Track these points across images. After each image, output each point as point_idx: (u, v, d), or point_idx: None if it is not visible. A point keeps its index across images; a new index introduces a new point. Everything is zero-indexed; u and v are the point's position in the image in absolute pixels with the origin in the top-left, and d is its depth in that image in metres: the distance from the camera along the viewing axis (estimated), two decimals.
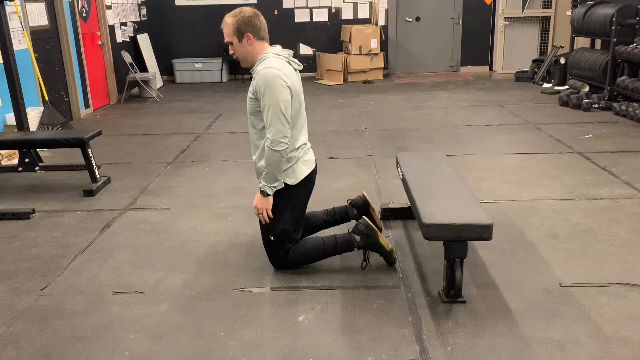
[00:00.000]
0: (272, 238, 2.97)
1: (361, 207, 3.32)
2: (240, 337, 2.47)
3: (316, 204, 3.97)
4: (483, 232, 2.51)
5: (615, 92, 7.01)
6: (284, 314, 2.65)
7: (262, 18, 2.88)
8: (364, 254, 3.05)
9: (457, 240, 2.54)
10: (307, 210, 3.18)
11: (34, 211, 4.02)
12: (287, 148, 2.75)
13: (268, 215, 2.89)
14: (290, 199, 2.93)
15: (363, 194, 3.35)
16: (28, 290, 2.94)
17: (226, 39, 2.89)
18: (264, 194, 2.84)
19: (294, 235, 2.99)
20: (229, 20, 2.85)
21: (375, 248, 3.01)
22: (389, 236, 3.46)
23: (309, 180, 3.00)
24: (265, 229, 2.97)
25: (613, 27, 6.96)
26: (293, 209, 2.95)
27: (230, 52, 2.92)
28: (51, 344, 2.47)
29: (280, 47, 2.90)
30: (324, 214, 3.33)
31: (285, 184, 2.89)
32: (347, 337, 2.45)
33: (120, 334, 2.52)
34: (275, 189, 2.85)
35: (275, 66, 2.74)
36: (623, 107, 6.37)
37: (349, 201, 3.37)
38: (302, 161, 2.95)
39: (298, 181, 2.91)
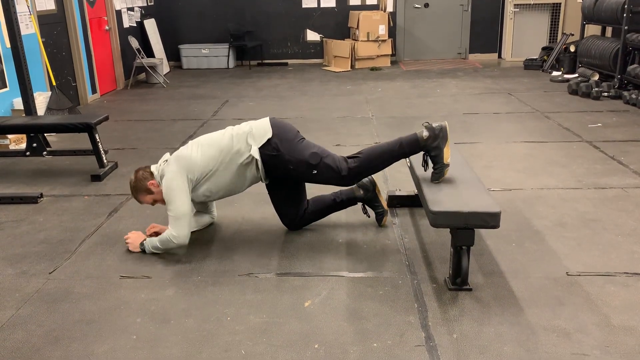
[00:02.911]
0: (315, 172, 3.05)
1: (367, 187, 3.36)
2: (246, 322, 2.49)
3: (323, 189, 3.97)
4: (490, 220, 2.50)
5: (625, 80, 6.94)
6: (290, 299, 2.66)
7: (139, 170, 3.17)
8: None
9: (464, 228, 2.54)
10: (316, 194, 3.33)
11: (42, 195, 4.05)
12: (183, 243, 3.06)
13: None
14: (287, 139, 3.05)
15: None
16: (36, 274, 2.97)
17: (149, 201, 3.21)
18: (142, 247, 3.14)
19: (332, 161, 3.05)
20: (137, 197, 3.20)
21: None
22: (396, 223, 3.46)
23: (277, 126, 3.08)
24: (305, 170, 3.06)
25: (625, 15, 6.87)
26: (301, 140, 3.09)
27: (154, 204, 3.23)
28: (60, 326, 2.49)
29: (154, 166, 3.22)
30: (332, 195, 3.39)
31: (266, 142, 3.03)
32: (353, 323, 2.46)
33: (128, 318, 2.54)
34: (152, 251, 3.12)
35: (169, 171, 3.06)
36: (633, 96, 6.31)
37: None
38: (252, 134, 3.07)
39: (263, 139, 3.03)
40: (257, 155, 3.01)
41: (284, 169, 3.06)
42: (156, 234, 3.30)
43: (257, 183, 3.22)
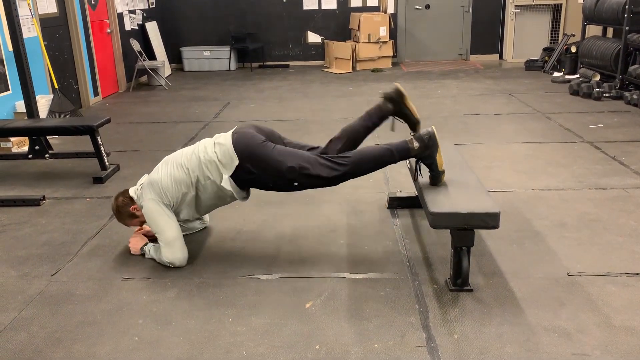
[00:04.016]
0: (296, 184, 2.93)
1: (395, 99, 3.07)
2: (248, 323, 2.50)
3: (326, 194, 3.99)
4: (490, 220, 2.50)
5: (626, 81, 6.94)
6: (292, 300, 2.66)
7: (119, 197, 3.18)
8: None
9: (464, 229, 2.54)
10: (348, 131, 3.06)
11: (44, 198, 4.06)
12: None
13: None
14: (258, 159, 2.89)
15: (395, 85, 3.07)
16: (39, 276, 2.98)
17: (136, 224, 3.25)
18: (143, 250, 3.16)
19: (312, 169, 2.88)
20: (123, 222, 3.23)
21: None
22: (397, 225, 3.47)
23: (242, 147, 2.90)
24: (285, 184, 2.93)
25: (625, 15, 6.87)
26: (272, 154, 2.89)
27: (142, 225, 3.27)
28: (62, 328, 2.50)
29: (134, 187, 3.21)
30: (360, 120, 3.16)
31: (236, 169, 2.90)
32: (354, 324, 2.47)
33: (130, 319, 2.55)
34: (148, 256, 3.13)
35: (145, 199, 3.05)
36: (634, 97, 6.31)
37: (381, 96, 3.11)
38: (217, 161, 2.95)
39: (232, 166, 2.90)
40: (228, 187, 2.94)
41: (263, 185, 3.01)
42: (146, 234, 3.31)
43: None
